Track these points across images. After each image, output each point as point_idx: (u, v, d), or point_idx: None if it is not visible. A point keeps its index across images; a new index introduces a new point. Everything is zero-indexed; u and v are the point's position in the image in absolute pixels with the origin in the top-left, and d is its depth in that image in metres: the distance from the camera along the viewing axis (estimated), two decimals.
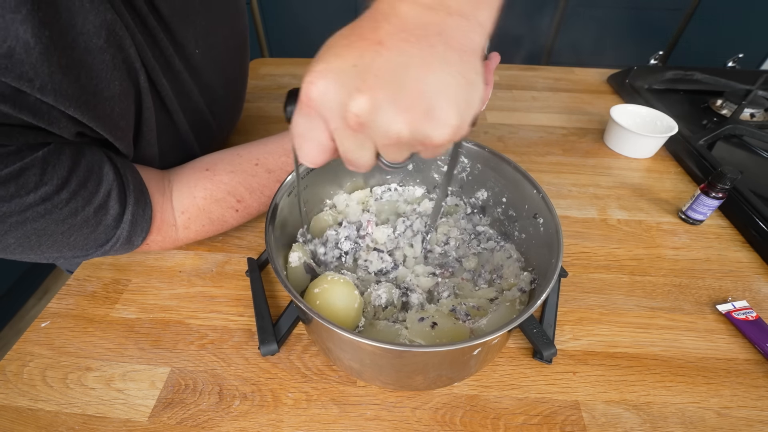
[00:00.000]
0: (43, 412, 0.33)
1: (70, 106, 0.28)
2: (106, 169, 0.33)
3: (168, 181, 0.40)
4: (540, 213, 0.34)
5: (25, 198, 0.28)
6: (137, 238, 0.36)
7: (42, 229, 0.30)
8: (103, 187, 0.32)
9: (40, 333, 0.38)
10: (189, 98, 0.42)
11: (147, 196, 0.36)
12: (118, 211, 0.34)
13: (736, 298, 0.41)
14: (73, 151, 0.31)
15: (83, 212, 0.31)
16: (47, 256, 0.33)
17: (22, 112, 0.26)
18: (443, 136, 0.20)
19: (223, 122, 0.52)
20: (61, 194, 0.30)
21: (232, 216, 0.42)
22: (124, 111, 0.33)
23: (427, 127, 0.20)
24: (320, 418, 0.32)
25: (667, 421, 0.32)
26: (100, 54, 0.29)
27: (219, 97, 0.48)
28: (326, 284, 0.33)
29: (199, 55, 0.41)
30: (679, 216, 0.51)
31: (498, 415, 0.33)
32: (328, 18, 1.54)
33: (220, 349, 0.37)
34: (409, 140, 0.21)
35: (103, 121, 0.31)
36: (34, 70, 0.25)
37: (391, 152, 0.22)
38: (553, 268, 0.28)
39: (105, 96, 0.30)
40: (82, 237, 0.33)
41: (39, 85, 0.25)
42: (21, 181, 0.27)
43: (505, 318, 0.32)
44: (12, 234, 0.29)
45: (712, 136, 0.62)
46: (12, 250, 0.31)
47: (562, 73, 0.83)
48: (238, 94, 0.55)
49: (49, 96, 0.26)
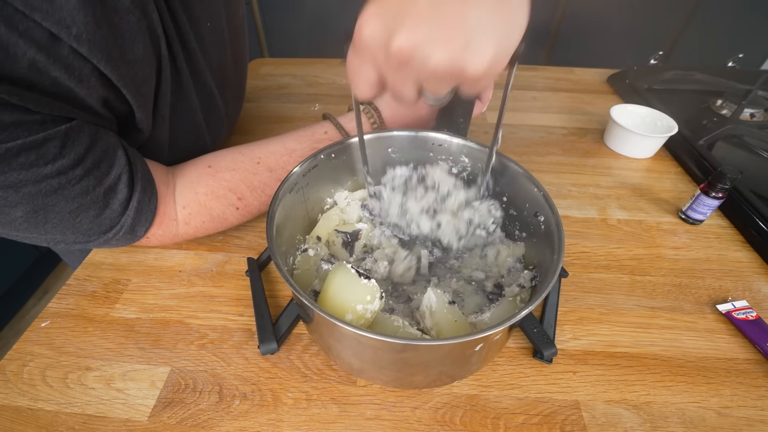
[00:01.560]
0: (43, 411, 0.33)
1: (102, 60, 0.28)
2: (120, 153, 0.34)
3: (172, 176, 0.40)
4: (541, 211, 0.34)
5: (42, 168, 0.28)
6: (141, 228, 0.36)
7: (52, 204, 0.30)
8: (115, 170, 0.33)
9: (40, 333, 0.38)
10: (201, 79, 0.43)
11: (154, 187, 0.37)
12: (126, 196, 0.34)
13: (736, 297, 0.41)
14: (92, 132, 0.31)
15: (93, 192, 0.32)
16: (49, 238, 0.33)
17: (55, 64, 0.26)
18: (480, 68, 0.22)
19: (230, 108, 0.52)
20: (76, 170, 0.30)
21: (232, 213, 0.42)
22: (146, 77, 0.34)
23: (465, 58, 0.21)
24: (320, 418, 0.32)
25: (668, 420, 0.32)
26: (126, 14, 0.30)
27: (227, 78, 0.48)
28: (340, 277, 0.31)
29: (209, 32, 0.42)
30: (679, 216, 0.51)
31: (498, 415, 0.33)
32: (327, 18, 1.54)
33: (220, 348, 0.37)
34: (448, 72, 0.22)
35: (128, 83, 0.31)
36: (71, 17, 0.26)
37: (433, 85, 0.24)
38: (555, 264, 0.28)
39: (129, 58, 0.31)
40: (87, 219, 0.33)
41: (75, 32, 0.26)
42: (42, 150, 0.28)
43: (508, 313, 0.32)
44: (22, 206, 0.29)
45: (712, 136, 0.62)
46: (17, 224, 0.31)
47: (562, 73, 0.84)
48: (242, 80, 0.56)
49: (83, 45, 0.27)
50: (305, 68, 0.84)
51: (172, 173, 0.41)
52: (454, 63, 0.21)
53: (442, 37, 0.21)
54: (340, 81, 0.80)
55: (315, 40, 1.62)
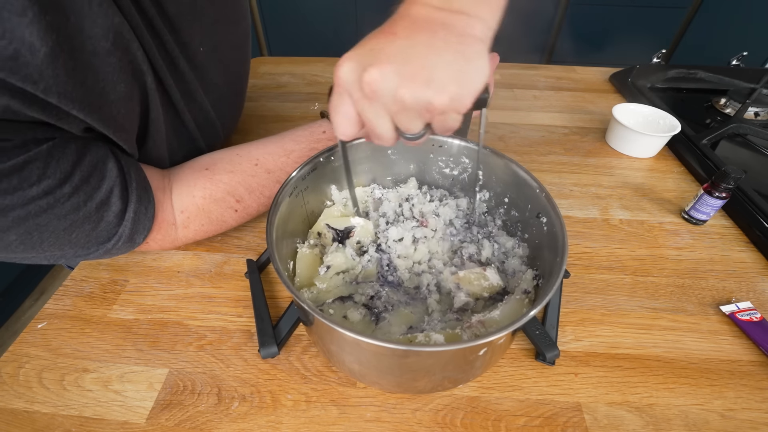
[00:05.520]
0: (40, 414, 0.32)
1: (74, 108, 0.28)
2: (110, 165, 0.33)
3: (168, 180, 0.40)
4: (543, 212, 0.34)
5: (27, 191, 0.28)
6: (139, 236, 0.36)
7: (44, 224, 0.30)
8: (106, 184, 0.32)
9: (37, 334, 0.38)
10: (194, 97, 0.42)
11: (150, 194, 0.36)
12: (120, 208, 0.34)
13: (740, 299, 0.41)
14: (78, 146, 0.31)
15: (85, 208, 0.31)
16: (49, 255, 0.33)
17: (31, 108, 0.26)
18: (442, 101, 0.24)
19: (227, 120, 0.52)
20: (63, 188, 0.30)
21: (231, 216, 0.42)
22: (129, 113, 0.33)
23: (428, 93, 0.24)
24: (320, 420, 0.32)
25: (670, 423, 0.32)
26: (107, 57, 0.30)
27: (222, 95, 0.48)
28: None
29: (203, 53, 0.41)
30: (682, 216, 0.50)
31: (499, 417, 0.32)
32: (327, 17, 1.53)
33: (218, 350, 0.37)
34: (414, 105, 0.25)
35: (108, 123, 0.31)
36: (39, 73, 0.25)
37: (404, 119, 0.26)
38: (558, 267, 0.28)
39: (111, 98, 0.31)
40: (83, 234, 0.33)
41: (43, 87, 0.26)
42: (24, 173, 0.27)
43: (516, 311, 0.32)
44: (14, 230, 0.29)
45: (715, 135, 0.61)
46: (14, 248, 0.30)
47: (564, 71, 0.83)
48: (240, 92, 0.55)
49: (53, 97, 0.26)
50: (305, 67, 0.84)
51: (168, 177, 0.40)
52: (419, 96, 0.24)
53: (407, 73, 0.24)
54: None
55: (314, 39, 1.62)
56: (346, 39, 1.61)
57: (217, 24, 0.43)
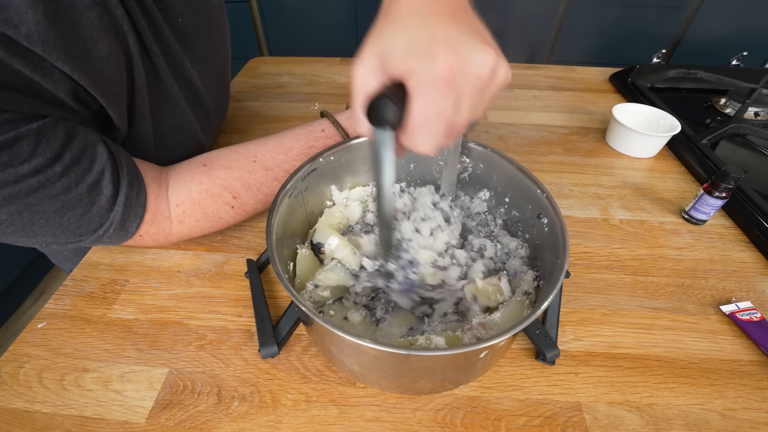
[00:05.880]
0: (40, 414, 0.32)
1: (58, 59, 0.27)
2: (100, 149, 0.33)
3: (165, 175, 0.40)
4: (544, 213, 0.34)
5: (18, 168, 0.28)
6: (131, 223, 0.36)
7: (35, 204, 0.30)
8: (97, 166, 0.32)
9: (37, 334, 0.38)
10: (182, 72, 0.42)
11: (141, 181, 0.36)
12: (112, 192, 0.33)
13: (740, 298, 0.41)
14: (68, 128, 0.31)
15: (76, 189, 0.31)
16: (40, 240, 0.33)
17: (15, 57, 0.26)
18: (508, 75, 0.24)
19: (218, 99, 0.51)
20: (54, 167, 0.30)
21: (227, 212, 0.42)
22: (115, 76, 0.33)
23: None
24: (320, 420, 0.32)
25: (671, 422, 0.32)
26: (85, 11, 0.29)
27: (210, 69, 0.47)
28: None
29: (184, 23, 0.41)
30: (682, 216, 0.50)
31: (499, 417, 0.32)
32: (326, 16, 1.53)
33: (218, 349, 0.37)
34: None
35: (94, 82, 0.30)
36: (18, 16, 0.25)
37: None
38: (559, 268, 0.28)
39: (93, 57, 0.30)
40: (75, 218, 0.32)
41: (25, 32, 0.25)
42: (15, 150, 0.27)
43: (517, 313, 0.32)
44: (4, 209, 0.29)
45: (715, 135, 0.61)
46: (4, 228, 0.30)
47: (564, 71, 0.83)
48: (225, 69, 0.55)
49: (36, 45, 0.26)
50: (304, 67, 0.84)
51: (165, 172, 0.40)
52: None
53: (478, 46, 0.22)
54: (339, 80, 0.80)
55: (314, 39, 1.62)
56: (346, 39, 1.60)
57: None
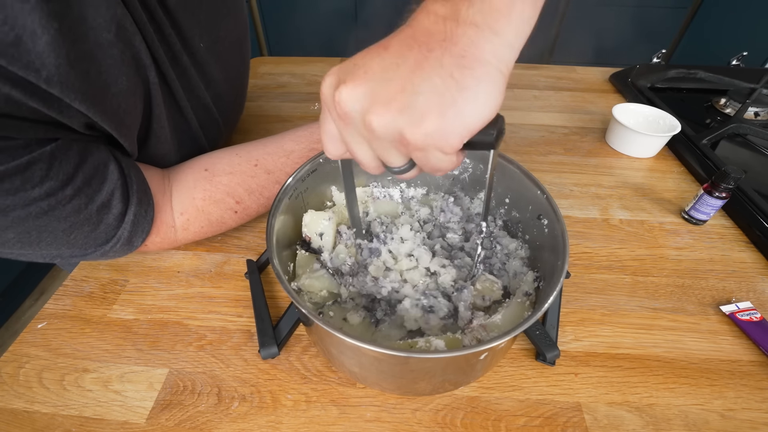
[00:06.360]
0: (40, 414, 0.32)
1: (76, 99, 0.27)
2: (112, 168, 0.33)
3: (168, 181, 0.40)
4: (544, 214, 0.34)
5: (30, 192, 0.28)
6: (137, 239, 0.36)
7: (44, 225, 0.30)
8: (107, 186, 0.32)
9: (37, 334, 0.38)
10: (196, 94, 0.42)
11: (150, 197, 0.36)
12: (121, 210, 0.33)
13: (740, 299, 0.41)
14: (81, 149, 0.31)
15: (86, 210, 0.31)
16: (45, 254, 0.33)
17: (32, 99, 0.26)
18: (416, 135, 0.20)
19: (228, 118, 0.52)
20: (65, 190, 0.30)
21: (230, 217, 0.42)
22: (131, 108, 0.33)
23: (399, 122, 0.20)
24: (320, 420, 0.32)
25: (670, 423, 0.32)
26: (109, 49, 0.29)
27: (223, 92, 0.48)
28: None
29: (203, 49, 0.41)
30: (682, 216, 0.50)
31: (499, 417, 0.32)
32: (327, 17, 1.53)
33: (218, 350, 0.37)
34: (385, 134, 0.21)
35: (109, 117, 0.31)
36: (40, 61, 0.25)
37: (379, 150, 0.23)
38: (559, 270, 0.28)
39: (112, 92, 0.30)
40: (82, 235, 0.32)
41: (45, 75, 0.25)
42: (27, 174, 0.27)
43: (517, 314, 0.32)
44: (13, 229, 0.29)
45: (715, 135, 0.61)
46: (11, 245, 0.30)
47: (564, 71, 0.83)
48: (240, 90, 0.55)
49: (55, 87, 0.26)
50: (305, 67, 0.84)
51: (168, 178, 0.40)
52: (388, 124, 0.20)
53: (382, 96, 0.20)
54: None
55: (314, 39, 1.62)
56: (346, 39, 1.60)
57: (215, 19, 0.42)
